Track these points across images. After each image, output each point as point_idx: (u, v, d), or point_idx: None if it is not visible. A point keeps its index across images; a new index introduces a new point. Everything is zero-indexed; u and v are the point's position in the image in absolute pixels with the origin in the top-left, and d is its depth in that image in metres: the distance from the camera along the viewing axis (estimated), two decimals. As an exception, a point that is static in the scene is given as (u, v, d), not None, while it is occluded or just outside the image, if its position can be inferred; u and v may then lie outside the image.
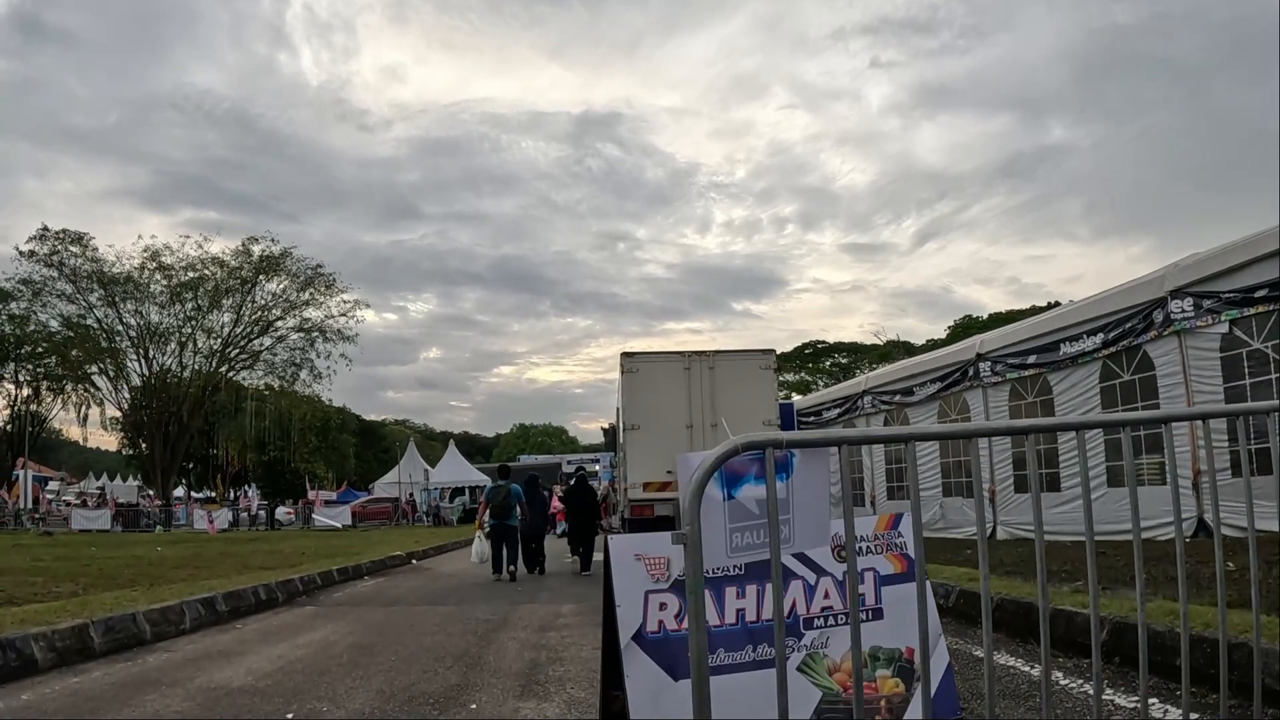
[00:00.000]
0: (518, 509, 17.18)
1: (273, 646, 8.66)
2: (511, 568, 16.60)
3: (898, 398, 20.81)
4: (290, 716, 5.77)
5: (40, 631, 7.61)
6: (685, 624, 3.18)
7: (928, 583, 3.66)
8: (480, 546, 17.01)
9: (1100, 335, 14.10)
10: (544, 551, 18.51)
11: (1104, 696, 5.36)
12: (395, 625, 10.03)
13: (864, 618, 3.43)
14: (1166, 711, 4.93)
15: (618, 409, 20.11)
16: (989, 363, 17.08)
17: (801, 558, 3.25)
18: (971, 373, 17.62)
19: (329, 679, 6.95)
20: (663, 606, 3.22)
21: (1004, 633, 7.84)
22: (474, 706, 5.93)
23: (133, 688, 6.73)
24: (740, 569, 3.25)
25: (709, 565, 2.19)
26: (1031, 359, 15.85)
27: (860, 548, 3.52)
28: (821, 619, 3.39)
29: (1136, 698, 5.20)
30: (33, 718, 5.87)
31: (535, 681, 6.70)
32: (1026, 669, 6.38)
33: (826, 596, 3.42)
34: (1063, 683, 5.90)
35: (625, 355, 17.68)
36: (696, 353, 17.71)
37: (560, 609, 11.31)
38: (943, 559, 12.19)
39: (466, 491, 55.06)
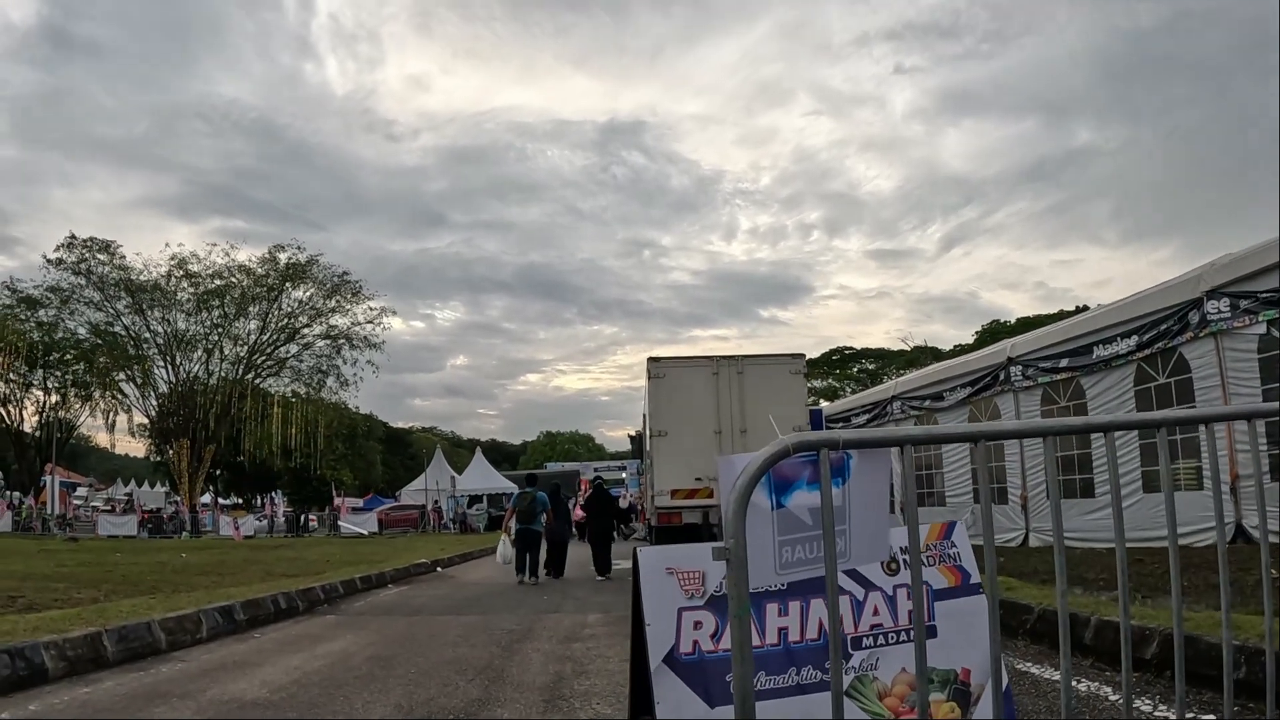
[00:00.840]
0: (543, 516, 17.81)
1: (290, 657, 8.43)
2: (540, 573, 17.51)
3: (927, 403, 20.47)
4: (303, 732, 5.53)
5: (51, 640, 7.40)
6: (722, 645, 2.92)
7: (983, 597, 3.37)
8: (505, 549, 17.70)
9: (1135, 337, 13.75)
10: (565, 557, 19.05)
11: (1156, 713, 5.07)
12: (416, 636, 9.79)
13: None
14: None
15: (644, 415, 19.86)
16: (1020, 366, 16.73)
17: (850, 571, 2.97)
18: (1002, 377, 17.28)
19: (346, 692, 6.71)
20: (697, 625, 2.94)
21: (1046, 644, 7.55)
22: (495, 723, 5.68)
23: (143, 699, 6.51)
24: (783, 584, 2.97)
25: (754, 584, 1.91)
26: (1064, 362, 15.50)
27: (909, 560, 3.24)
28: (870, 638, 3.10)
29: (1191, 714, 4.91)
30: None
31: (560, 696, 6.44)
32: (1074, 684, 6.05)
33: (876, 613, 3.14)
34: (1112, 698, 5.60)
35: (652, 360, 17.41)
36: (725, 358, 17.41)
37: (586, 619, 11.04)
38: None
39: (485, 499, 54.78)
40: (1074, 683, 6.07)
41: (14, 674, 6.78)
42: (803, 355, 17.77)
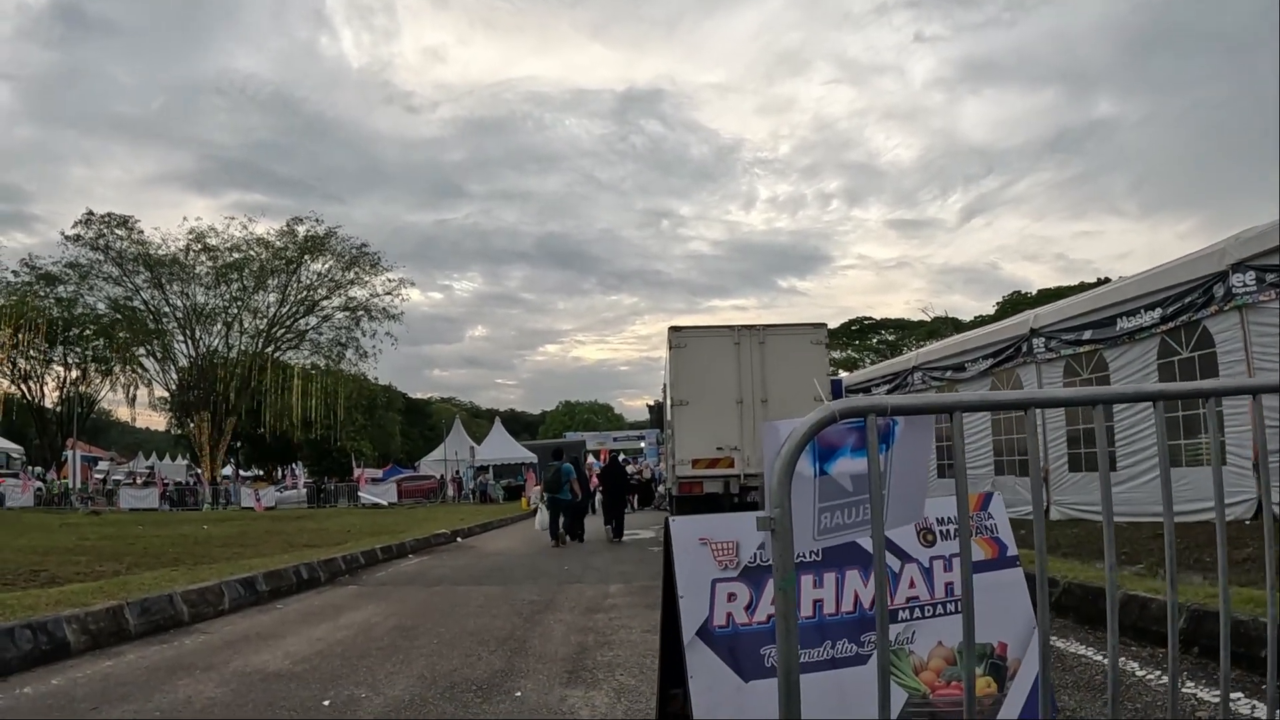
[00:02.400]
0: (568, 485, 19.42)
1: (312, 628, 8.42)
2: (565, 536, 19.18)
3: (949, 374, 20.27)
4: (326, 703, 5.50)
5: (74, 613, 7.40)
6: (757, 617, 2.84)
7: (1020, 570, 3.29)
8: (543, 516, 19.95)
9: (1158, 310, 13.52)
10: (583, 522, 20.47)
11: (1185, 690, 5.00)
12: (438, 606, 9.77)
13: (952, 609, 3.06)
14: (1254, 708, 4.53)
15: (665, 385, 19.79)
16: (1043, 338, 16.51)
17: (886, 543, 2.89)
18: (1025, 348, 17.05)
19: (368, 663, 6.69)
20: (731, 597, 2.85)
21: (1071, 619, 7.49)
22: (519, 694, 5.64)
23: (165, 671, 6.50)
24: (818, 554, 2.89)
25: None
26: (1087, 334, 15.28)
27: (946, 531, 3.15)
28: (907, 611, 3.01)
29: (1219, 691, 4.83)
30: (59, 703, 5.63)
31: (583, 667, 6.39)
32: (1099, 658, 5.99)
33: (912, 586, 3.04)
34: (1139, 674, 5.53)
35: (673, 330, 17.29)
36: (746, 327, 17.26)
37: (608, 589, 11.00)
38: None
39: (490, 469, 54.83)
40: (1099, 657, 6.00)
41: (36, 648, 6.78)
42: (824, 325, 17.61)
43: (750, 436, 16.57)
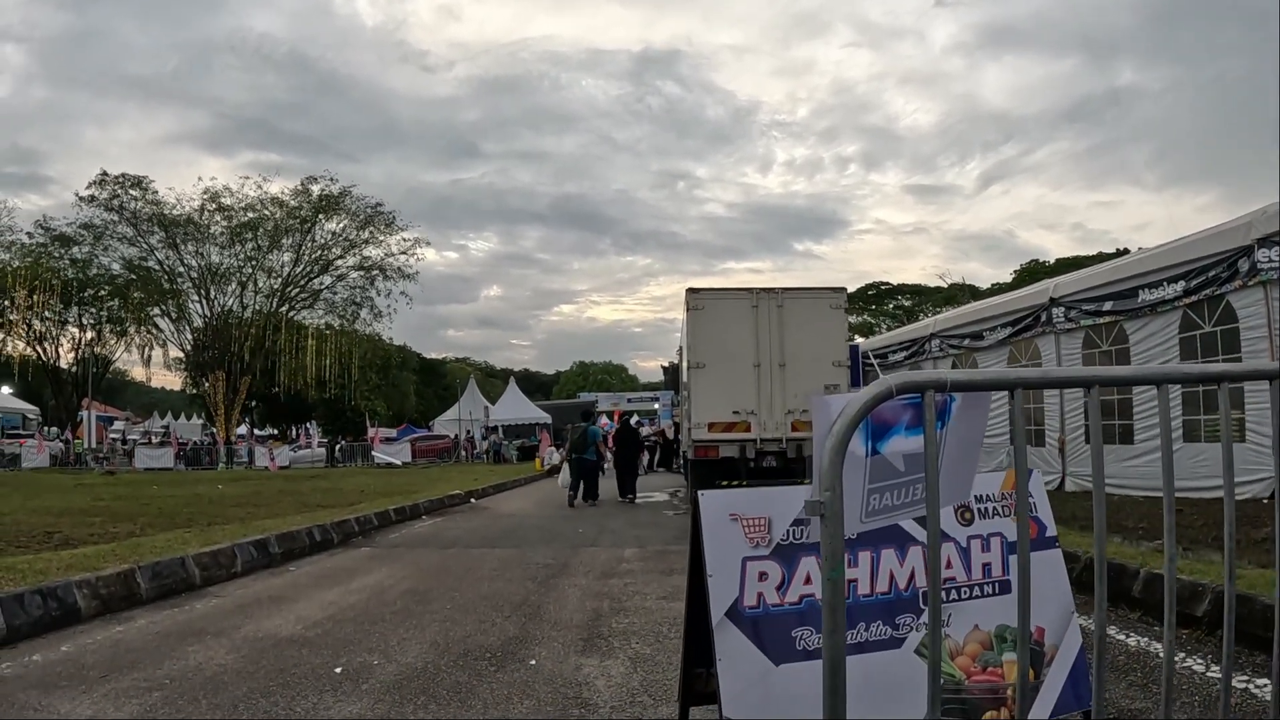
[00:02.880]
0: (594, 447, 20.43)
1: (325, 592, 8.36)
2: (590, 500, 19.82)
3: (966, 342, 20.05)
4: (338, 670, 5.43)
5: (84, 578, 7.34)
6: (789, 598, 2.70)
7: (1059, 551, 3.15)
8: (565, 475, 20.28)
9: (1182, 283, 13.27)
10: (597, 483, 20.81)
11: (1211, 674, 4.90)
12: (452, 569, 9.70)
13: (991, 591, 2.93)
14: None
15: (680, 348, 19.64)
16: (1063, 308, 16.26)
17: (921, 521, 2.74)
18: (1044, 318, 16.81)
19: (381, 629, 6.61)
20: (763, 576, 2.71)
21: (1091, 595, 7.33)
22: (533, 662, 5.55)
23: (176, 637, 6.43)
24: (853, 533, 2.76)
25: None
26: (1108, 305, 15.03)
27: (985, 509, 3.01)
28: (943, 593, 2.88)
29: (1245, 676, 4.72)
30: (68, 670, 5.56)
31: (598, 635, 6.31)
32: (1120, 637, 5.86)
33: (949, 566, 2.89)
34: (1162, 655, 5.38)
35: (691, 291, 17.08)
36: (765, 289, 17.03)
37: (622, 553, 10.92)
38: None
39: (499, 429, 54.86)
40: (1122, 636, 5.88)
41: (46, 614, 6.72)
42: (844, 289, 17.37)
43: (767, 401, 16.42)
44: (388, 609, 7.43)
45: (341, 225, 56.91)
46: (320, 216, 56.04)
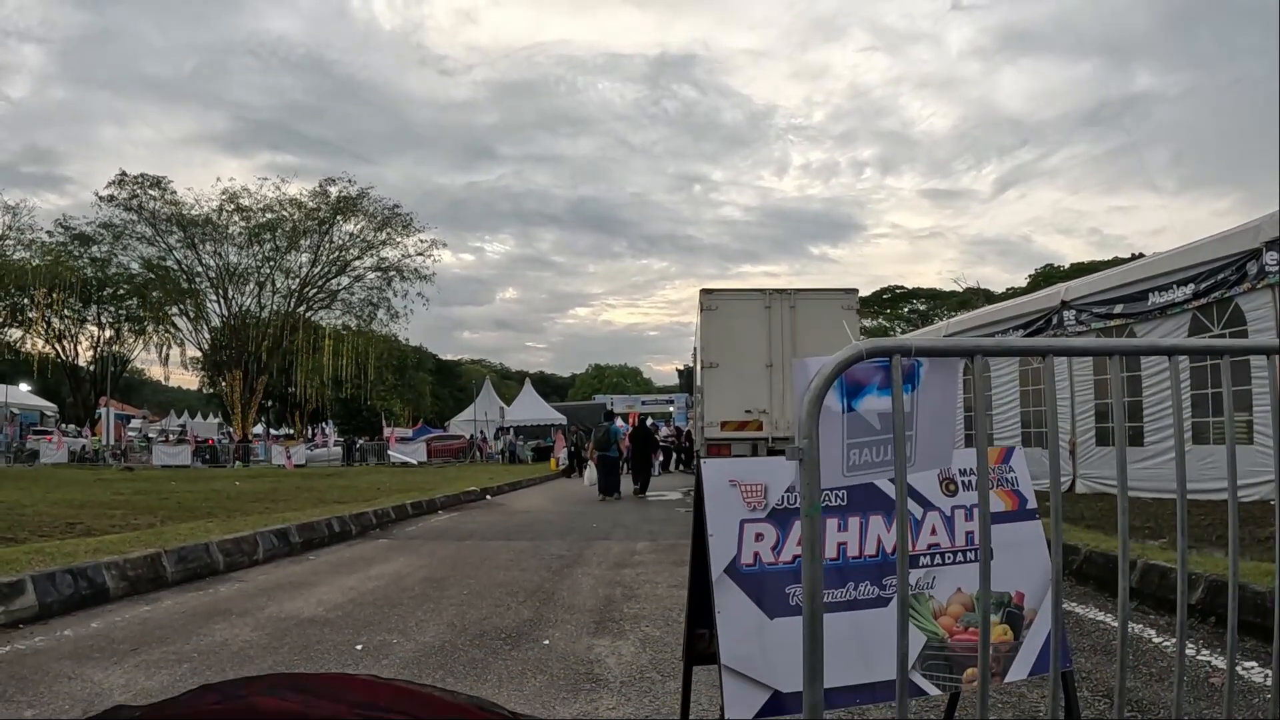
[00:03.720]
0: (616, 445, 21.95)
1: (344, 578, 8.58)
2: (611, 495, 20.82)
3: (979, 344, 20.13)
4: (359, 648, 5.64)
5: (113, 560, 7.58)
6: (783, 557, 2.89)
7: (1039, 524, 3.33)
8: (592, 473, 22.40)
9: (1191, 286, 13.35)
10: (619, 479, 22.06)
11: (1200, 657, 5.11)
12: (468, 559, 9.92)
13: (972, 557, 3.11)
14: (1266, 676, 4.59)
15: (695, 348, 19.85)
16: (1073, 311, 16.35)
17: (910, 491, 2.93)
18: (1055, 321, 16.91)
19: (400, 611, 6.83)
20: (759, 537, 2.90)
21: (1091, 586, 7.63)
22: (546, 643, 5.76)
23: (202, 617, 6.67)
24: (843, 499, 2.95)
25: (823, 483, 1.89)
26: (1118, 308, 15.12)
27: (968, 482, 3.19)
28: (928, 557, 3.06)
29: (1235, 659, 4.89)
30: (99, 644, 5.78)
31: (610, 618, 6.51)
32: (1114, 624, 6.05)
33: (933, 533, 3.09)
34: (1155, 641, 5.63)
35: (705, 292, 17.28)
36: (778, 290, 17.23)
37: (635, 546, 11.12)
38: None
39: (512, 430, 55.10)
40: (1117, 624, 6.06)
41: (76, 593, 6.96)
42: (855, 290, 17.56)
43: (779, 400, 16.62)
44: (406, 594, 7.64)
45: (359, 226, 57.29)
46: (338, 218, 56.36)
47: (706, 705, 4.10)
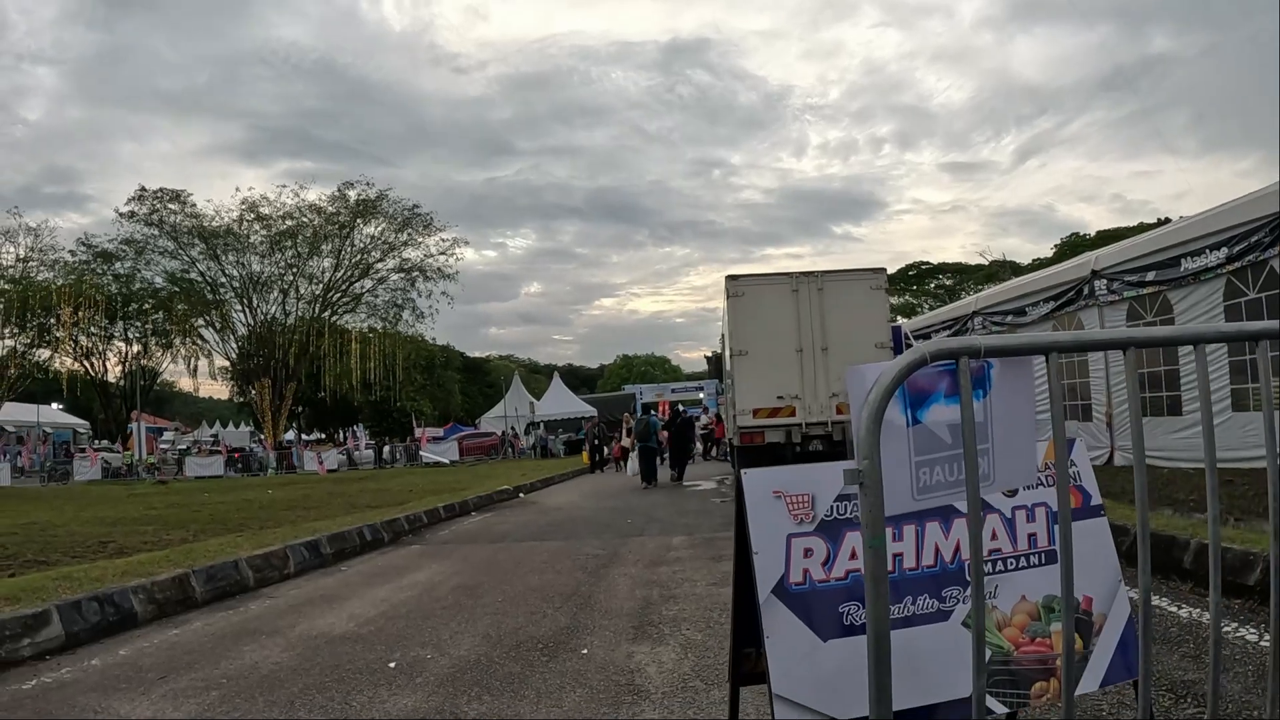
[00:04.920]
0: (655, 436, 23.37)
1: (376, 589, 8.42)
2: (649, 482, 22.53)
3: (1009, 318, 19.78)
4: (392, 665, 5.48)
5: (140, 584, 7.45)
6: (834, 573, 2.68)
7: (1104, 520, 3.10)
8: (633, 464, 24.60)
9: (1224, 250, 13.01)
10: (655, 469, 23.38)
11: (1263, 642, 4.83)
12: (501, 563, 9.75)
13: (1036, 561, 2.89)
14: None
15: (722, 336, 19.64)
16: (1105, 280, 16.00)
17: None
18: (1086, 291, 16.56)
19: (433, 623, 6.66)
20: (808, 553, 2.69)
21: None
22: (585, 651, 5.58)
23: (231, 638, 6.51)
24: (906, 510, 2.74)
25: (890, 510, 1.67)
26: (1150, 275, 14.76)
27: (1054, 478, 2.97)
28: (990, 564, 2.82)
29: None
30: (126, 673, 5.64)
31: (648, 622, 6.32)
32: (1173, 609, 5.81)
33: (994, 538, 2.85)
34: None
35: (730, 279, 17.02)
36: (804, 273, 16.95)
37: (671, 541, 10.93)
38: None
39: (541, 425, 55.08)
40: (1174, 609, 5.81)
41: (104, 620, 6.82)
42: (884, 270, 17.26)
43: (811, 385, 16.37)
44: (439, 604, 7.48)
45: (380, 229, 57.28)
46: (358, 221, 56.37)
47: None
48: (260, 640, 6.38)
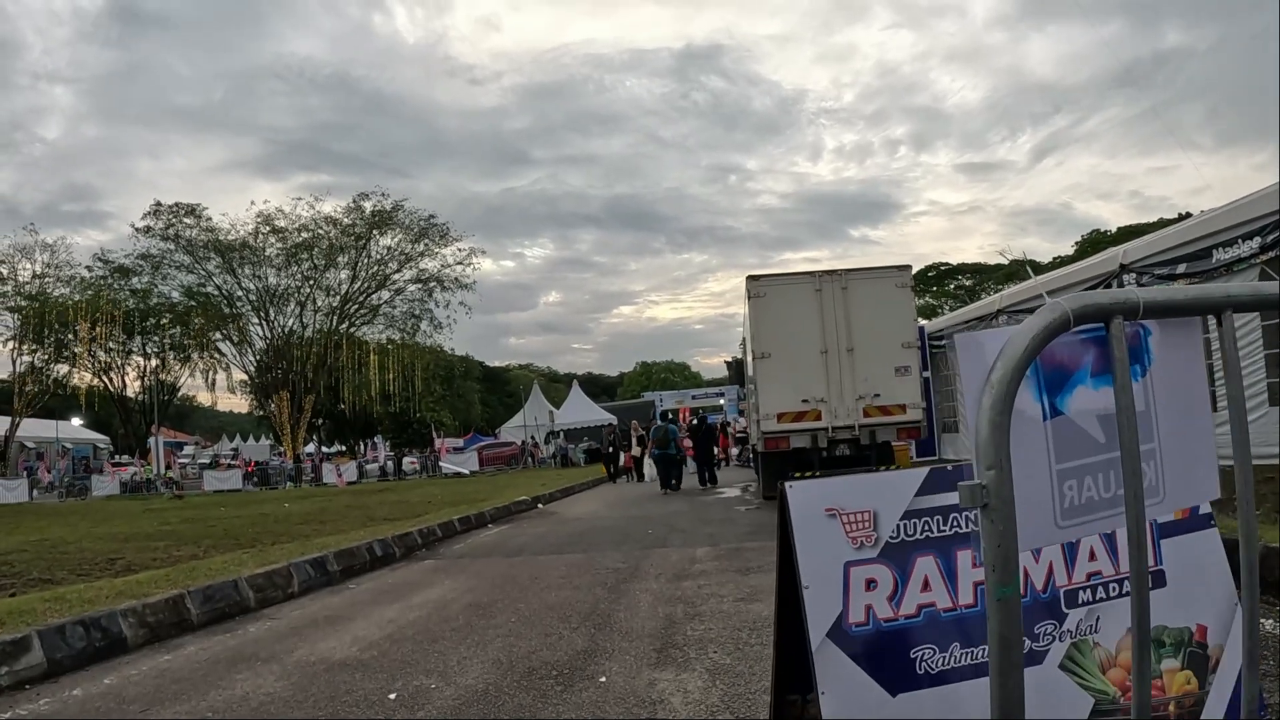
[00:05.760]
0: (674, 442, 23.80)
1: (384, 609, 7.96)
2: (673, 482, 23.44)
3: (1036, 316, 19.25)
4: (393, 696, 5.01)
5: (130, 606, 7.00)
6: (904, 609, 2.16)
7: (1215, 531, 2.58)
8: (651, 470, 25.93)
9: (1257, 239, 12.54)
10: (681, 473, 24.30)
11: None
12: (517, 579, 9.28)
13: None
14: None
15: (743, 339, 19.19)
16: (1134, 274, 15.45)
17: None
18: (1114, 285, 16.01)
19: (440, 647, 6.19)
20: (870, 584, 2.15)
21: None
22: (603, 679, 5.08)
23: (225, 665, 6.06)
24: (974, 518, 2.20)
25: (1024, 544, 1.15)
26: (1181, 268, 14.23)
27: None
28: (1088, 591, 2.29)
29: None
30: (108, 705, 5.19)
31: (672, 644, 5.83)
32: (1267, 627, 5.20)
33: (1092, 558, 2.31)
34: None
35: (751, 279, 16.51)
36: (828, 272, 16.42)
37: (694, 553, 10.43)
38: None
39: (561, 434, 54.74)
40: (1270, 626, 5.24)
41: (89, 645, 6.38)
42: (909, 267, 16.71)
43: (837, 387, 15.86)
44: (448, 625, 7.01)
45: (396, 240, 57.21)
46: (374, 232, 56.26)
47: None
48: (255, 667, 5.93)
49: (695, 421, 27.90)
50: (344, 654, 6.18)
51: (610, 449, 32.20)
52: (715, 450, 28.90)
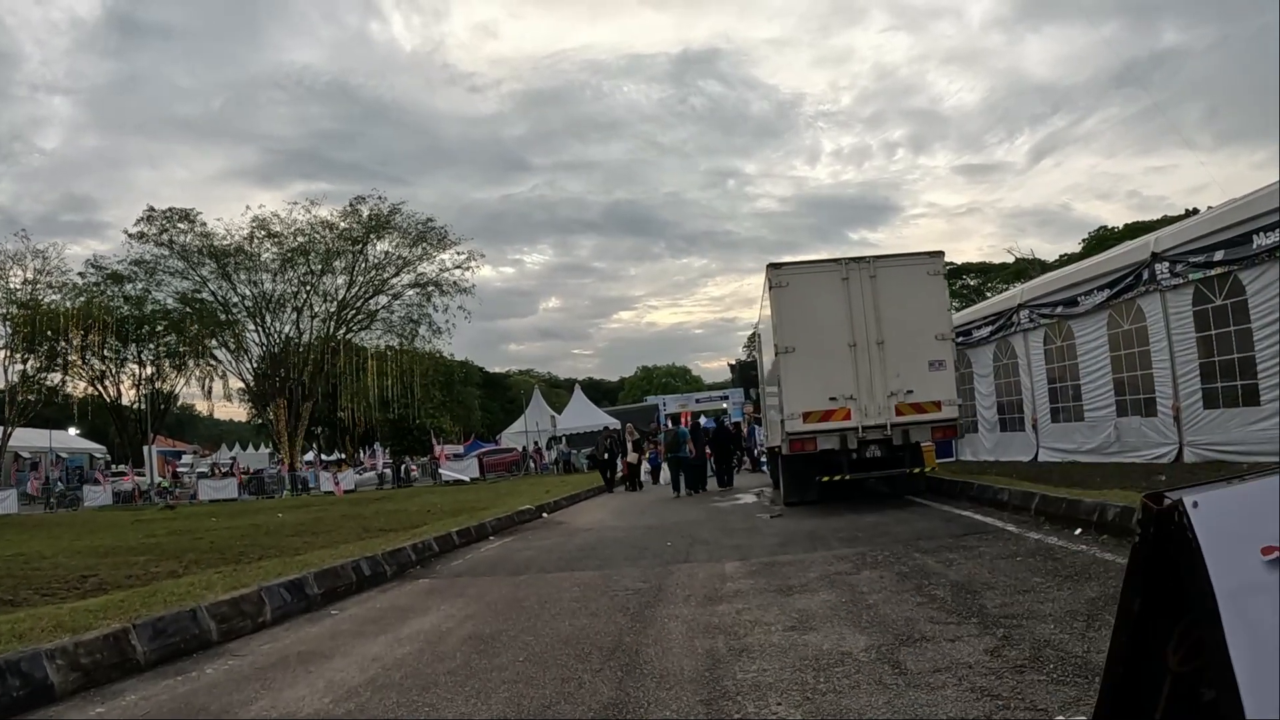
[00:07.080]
0: (686, 446, 23.57)
1: (368, 643, 6.75)
2: (689, 490, 23.16)
3: (1059, 309, 18.14)
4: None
5: (60, 645, 5.76)
6: None
7: None
8: (665, 473, 25.73)
9: (1304, 221, 11.56)
10: (704, 477, 24.53)
11: None
12: (524, 603, 8.09)
13: None
14: None
15: (756, 335, 18.06)
16: (1167, 263, 14.37)
17: None
18: (1146, 275, 14.92)
19: (433, 698, 5.00)
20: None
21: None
22: (641, 747, 3.89)
23: (164, 724, 4.87)
24: None
25: None
26: (1219, 255, 13.18)
27: None
28: None
29: None
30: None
31: (722, 693, 4.64)
32: None
33: None
34: None
35: (773, 267, 15.31)
36: (855, 259, 15.21)
37: (723, 568, 9.24)
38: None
39: (563, 439, 53.77)
40: None
41: (5, 695, 5.17)
42: (941, 253, 15.55)
43: (867, 384, 14.68)
44: (443, 665, 5.79)
45: (394, 244, 56.43)
46: (371, 236, 55.45)
47: None
48: (200, 729, 4.76)
49: (715, 424, 28.17)
50: (314, 707, 5.00)
51: (605, 455, 29.68)
52: (738, 452, 29.69)
